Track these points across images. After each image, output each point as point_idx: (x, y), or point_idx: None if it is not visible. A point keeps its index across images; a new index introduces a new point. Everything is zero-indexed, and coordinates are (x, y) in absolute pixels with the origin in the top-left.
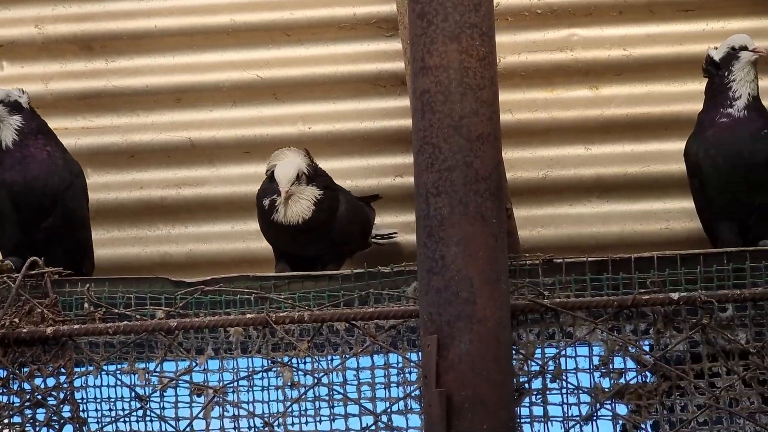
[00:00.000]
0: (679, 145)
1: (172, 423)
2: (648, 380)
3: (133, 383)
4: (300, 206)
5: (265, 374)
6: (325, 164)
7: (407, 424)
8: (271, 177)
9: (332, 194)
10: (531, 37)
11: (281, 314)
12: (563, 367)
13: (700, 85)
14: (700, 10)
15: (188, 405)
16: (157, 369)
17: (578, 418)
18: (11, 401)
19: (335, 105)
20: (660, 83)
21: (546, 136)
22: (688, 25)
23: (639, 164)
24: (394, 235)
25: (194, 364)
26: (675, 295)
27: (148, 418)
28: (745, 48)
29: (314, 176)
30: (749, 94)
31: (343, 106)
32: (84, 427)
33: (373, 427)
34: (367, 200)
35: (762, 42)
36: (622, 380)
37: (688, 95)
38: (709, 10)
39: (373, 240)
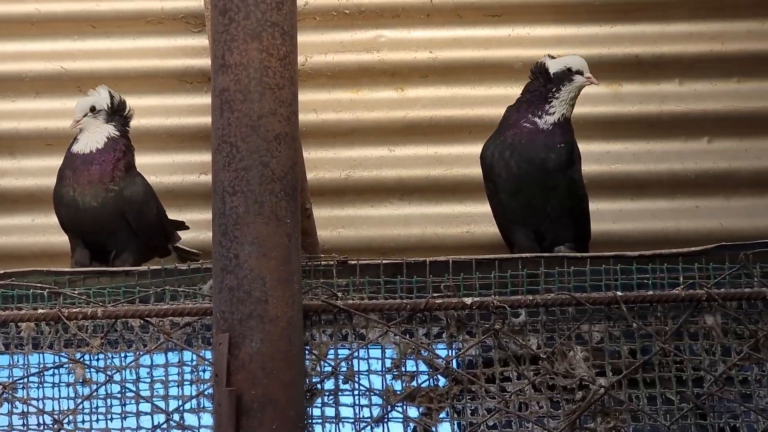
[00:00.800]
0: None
1: None
2: (440, 383)
3: None
4: (93, 138)
5: (56, 371)
6: None
7: (199, 422)
8: None
9: (130, 151)
10: (338, 37)
11: (74, 310)
12: (356, 368)
13: (504, 90)
14: (507, 16)
15: None
16: None
17: (369, 420)
18: None
19: (141, 100)
20: (465, 87)
21: (350, 136)
22: (495, 30)
23: (441, 167)
24: (196, 256)
25: None
26: (468, 300)
27: None
28: (581, 73)
29: (114, 117)
30: (563, 114)
31: (149, 101)
32: None
33: (164, 426)
34: (176, 225)
35: (564, 50)
36: (413, 383)
37: (492, 99)
38: (515, 16)
39: (177, 247)
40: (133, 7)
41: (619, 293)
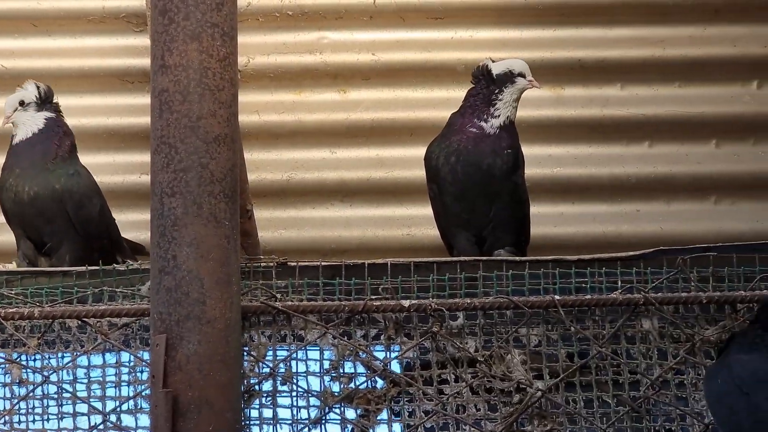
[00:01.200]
0: (423, 152)
1: None
2: (377, 385)
3: None
4: (31, 124)
5: None
6: None
7: (136, 423)
8: None
9: (71, 132)
10: (281, 38)
11: (11, 310)
12: (294, 369)
13: (446, 93)
14: (449, 19)
15: None
16: None
17: (307, 421)
18: None
19: (82, 99)
20: (407, 89)
21: (292, 138)
22: (437, 33)
23: (383, 169)
24: None
25: None
26: (406, 303)
27: None
28: (523, 76)
29: (45, 105)
30: (508, 117)
31: (90, 100)
32: None
33: (101, 426)
34: (134, 247)
35: (506, 53)
36: (351, 385)
37: (434, 102)
38: (458, 18)
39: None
40: (75, 5)
41: (557, 297)
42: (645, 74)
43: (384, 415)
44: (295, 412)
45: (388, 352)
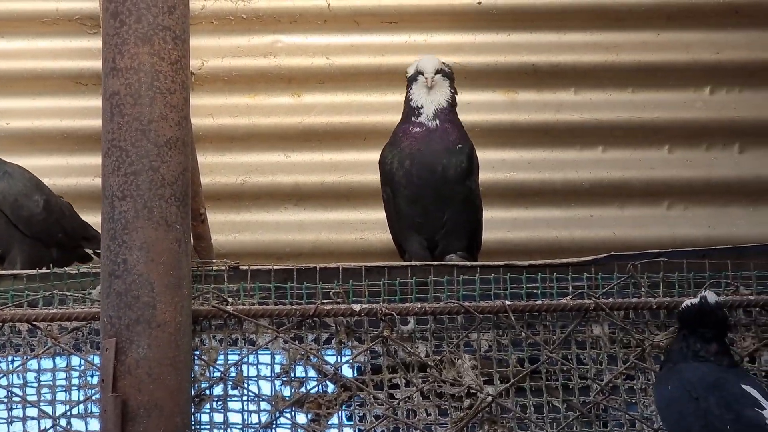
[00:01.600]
0: (377, 156)
1: None
2: (328, 390)
3: None
4: None
5: None
6: (24, 161)
7: (87, 427)
8: None
9: None
10: (235, 41)
11: None
12: (245, 374)
13: (400, 96)
14: (403, 23)
15: None
16: None
17: (258, 426)
18: None
19: (35, 101)
20: (361, 93)
21: (246, 141)
22: (391, 37)
23: (337, 173)
24: None
25: None
26: (357, 307)
27: None
28: (422, 73)
29: None
30: (435, 104)
31: (44, 102)
32: None
33: (51, 430)
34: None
35: (460, 57)
36: (302, 389)
37: (387, 106)
38: (412, 23)
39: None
40: (28, 7)
41: (508, 302)
42: (598, 79)
43: (335, 419)
44: (245, 417)
45: (339, 357)
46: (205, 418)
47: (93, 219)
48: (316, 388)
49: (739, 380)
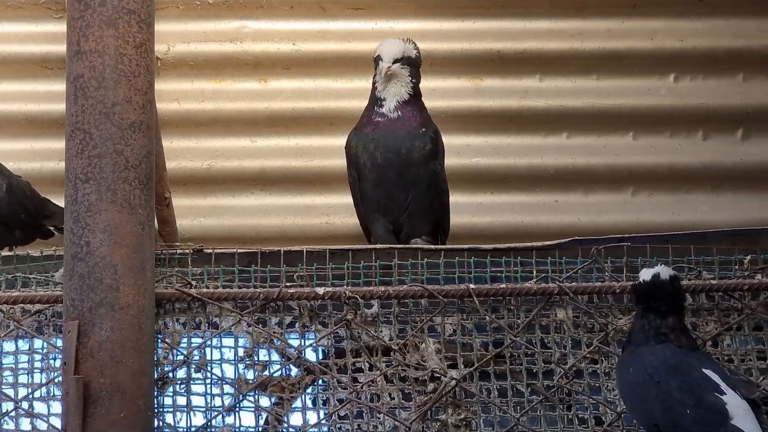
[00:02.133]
0: (343, 141)
1: None
2: (292, 373)
3: None
4: None
5: None
6: None
7: (49, 410)
8: None
9: None
10: (202, 26)
11: None
12: (208, 357)
13: (366, 83)
14: (370, 9)
15: None
16: None
17: (221, 409)
18: None
19: (0, 85)
20: (327, 79)
21: (212, 126)
22: (358, 24)
23: (303, 158)
24: None
25: None
26: (321, 290)
27: None
28: (381, 59)
29: None
30: (397, 97)
31: (8, 86)
32: None
33: (12, 413)
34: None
35: (426, 44)
36: (266, 372)
37: (353, 92)
38: (379, 9)
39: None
40: None
41: (472, 286)
42: (563, 66)
43: (298, 403)
44: (209, 400)
45: (302, 340)
46: (168, 401)
47: (57, 203)
48: (279, 372)
49: (701, 364)
